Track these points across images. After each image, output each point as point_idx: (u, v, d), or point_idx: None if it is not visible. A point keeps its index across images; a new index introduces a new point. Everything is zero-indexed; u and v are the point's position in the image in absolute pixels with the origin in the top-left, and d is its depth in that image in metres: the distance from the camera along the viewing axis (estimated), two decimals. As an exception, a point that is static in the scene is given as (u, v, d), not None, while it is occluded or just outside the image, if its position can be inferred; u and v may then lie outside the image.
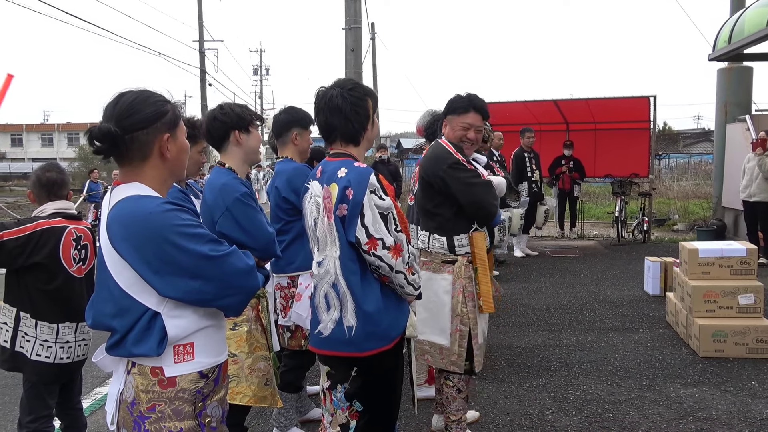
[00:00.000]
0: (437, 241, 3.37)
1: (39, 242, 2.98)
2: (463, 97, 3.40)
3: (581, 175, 11.13)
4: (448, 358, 3.34)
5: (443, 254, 3.36)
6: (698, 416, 3.87)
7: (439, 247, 3.36)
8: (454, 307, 3.32)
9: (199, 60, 28.67)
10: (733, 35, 9.37)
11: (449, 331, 3.34)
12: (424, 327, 3.41)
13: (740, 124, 10.29)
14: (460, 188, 3.26)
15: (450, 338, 3.34)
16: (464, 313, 3.31)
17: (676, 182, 20.96)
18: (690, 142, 33.83)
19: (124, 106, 1.74)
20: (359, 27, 12.75)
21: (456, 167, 3.28)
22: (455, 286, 3.32)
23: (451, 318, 3.33)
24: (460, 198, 3.26)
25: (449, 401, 3.42)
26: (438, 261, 3.36)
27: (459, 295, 3.31)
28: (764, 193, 8.53)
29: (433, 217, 3.40)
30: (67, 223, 3.10)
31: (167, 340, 1.71)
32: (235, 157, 2.93)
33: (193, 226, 1.71)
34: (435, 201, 3.38)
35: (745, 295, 5.03)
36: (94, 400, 4.58)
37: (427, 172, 3.37)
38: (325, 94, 2.43)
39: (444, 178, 3.27)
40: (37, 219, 3.04)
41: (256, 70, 55.37)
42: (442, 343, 3.36)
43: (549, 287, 7.63)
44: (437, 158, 3.33)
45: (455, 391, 3.40)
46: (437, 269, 3.37)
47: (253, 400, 3.00)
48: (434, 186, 3.33)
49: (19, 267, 2.96)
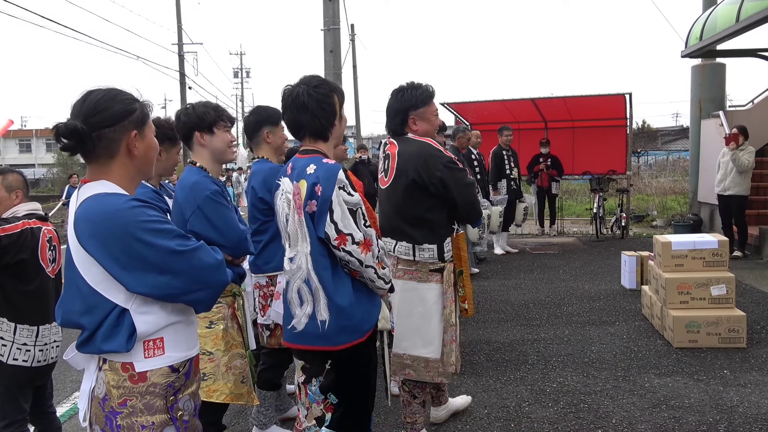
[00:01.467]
0: (426, 251, 3.20)
1: (26, 241, 3.00)
2: (421, 86, 3.28)
3: (559, 173, 11.24)
4: (436, 370, 3.25)
5: (432, 263, 3.22)
6: (671, 405, 3.94)
7: (429, 256, 3.20)
8: (448, 317, 3.22)
9: (179, 63, 28.53)
10: (705, 32, 9.53)
11: (438, 343, 3.23)
12: (403, 341, 3.25)
13: (714, 119, 10.47)
14: (459, 189, 3.14)
15: (442, 349, 3.23)
16: (456, 322, 3.27)
17: (654, 179, 21.22)
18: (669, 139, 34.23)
19: (91, 103, 1.75)
20: (338, 28, 12.77)
21: (452, 166, 3.15)
22: (447, 296, 3.23)
23: (444, 328, 3.23)
24: (459, 199, 3.15)
25: (405, 404, 3.44)
26: (425, 270, 3.22)
27: (452, 305, 3.23)
28: (738, 187, 8.69)
29: (424, 223, 3.20)
30: (41, 224, 3.11)
31: (136, 336, 1.73)
32: (203, 156, 2.94)
33: (160, 222, 1.73)
34: (426, 204, 3.19)
35: (717, 286, 5.13)
36: (72, 404, 4.56)
37: (421, 174, 3.13)
38: (291, 92, 2.46)
39: (443, 178, 3.11)
40: (20, 219, 3.04)
41: (236, 72, 55.17)
42: (428, 356, 3.24)
43: (528, 283, 7.70)
44: (431, 157, 3.15)
45: (410, 396, 3.40)
46: (424, 278, 3.22)
47: (229, 398, 3.01)
48: (429, 188, 3.14)
49: (2, 265, 2.94)
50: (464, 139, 7.89)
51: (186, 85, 28.46)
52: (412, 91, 3.27)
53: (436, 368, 3.26)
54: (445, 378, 3.30)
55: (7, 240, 2.91)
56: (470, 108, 11.85)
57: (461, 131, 7.97)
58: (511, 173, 9.62)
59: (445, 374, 3.28)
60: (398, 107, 3.29)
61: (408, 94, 3.27)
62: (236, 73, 55.13)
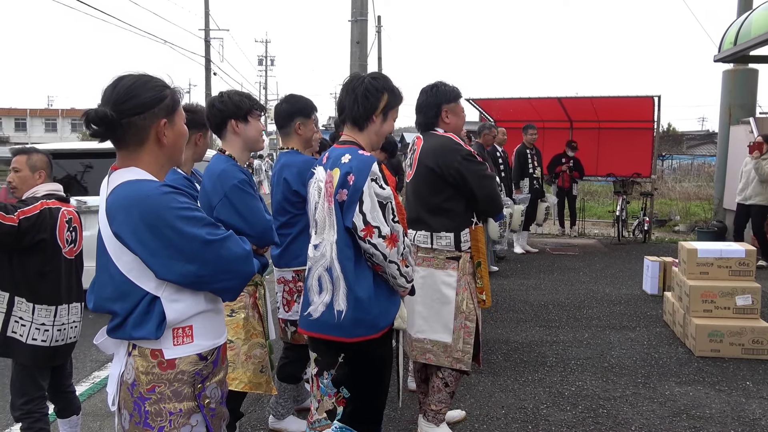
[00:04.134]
0: (444, 239, 3.30)
1: (45, 222, 3.01)
2: (450, 84, 3.47)
3: (581, 174, 11.13)
4: (452, 355, 3.31)
5: (449, 251, 3.30)
6: (692, 414, 3.88)
7: (446, 244, 3.30)
8: (459, 304, 3.29)
9: (204, 49, 28.63)
10: (740, 37, 9.34)
11: (452, 328, 3.30)
12: (425, 325, 3.34)
13: (744, 126, 10.28)
14: (476, 181, 3.23)
15: (453, 335, 3.30)
16: (470, 309, 3.29)
17: (678, 183, 20.93)
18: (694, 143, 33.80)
19: (122, 90, 1.74)
20: (365, 19, 12.72)
21: (470, 159, 3.26)
22: (460, 283, 3.29)
23: (455, 315, 3.29)
24: (477, 191, 3.23)
25: (434, 391, 3.41)
26: (442, 257, 3.31)
27: (464, 292, 3.29)
28: (760, 196, 8.60)
29: (442, 213, 3.31)
30: (60, 204, 3.13)
31: (166, 324, 1.73)
32: (235, 145, 2.93)
33: (191, 209, 1.72)
34: (445, 194, 3.30)
35: (743, 296, 5.04)
36: (92, 383, 4.60)
37: (439, 164, 3.27)
38: (352, 77, 2.55)
39: (460, 170, 3.23)
40: (38, 199, 3.06)
41: (261, 60, 55.23)
42: (446, 341, 3.31)
43: (548, 284, 7.64)
44: (450, 149, 3.28)
45: (443, 384, 3.39)
46: (441, 265, 3.30)
47: (248, 387, 3.02)
48: (447, 178, 3.26)
49: (22, 247, 2.97)
50: (490, 137, 7.84)
51: (211, 70, 28.57)
52: (445, 87, 3.44)
53: (452, 353, 3.31)
54: (462, 365, 3.31)
55: (26, 222, 2.93)
56: (495, 105, 11.75)
57: (487, 128, 7.92)
58: (534, 172, 9.54)
59: (460, 361, 3.30)
60: (432, 101, 3.43)
61: (441, 89, 3.42)
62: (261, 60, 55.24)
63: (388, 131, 2.60)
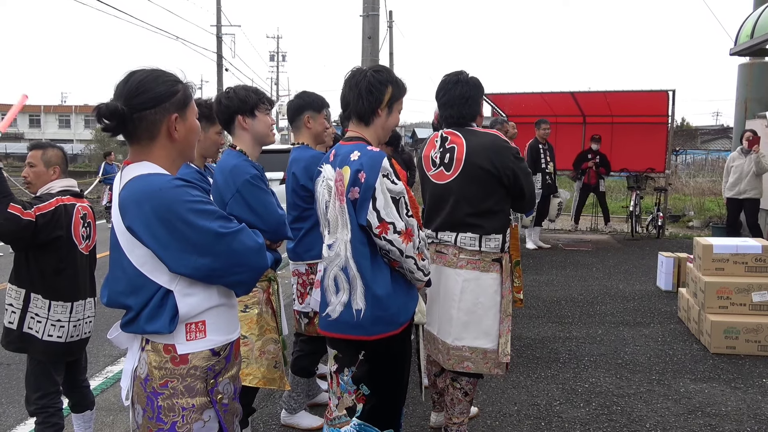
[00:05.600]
0: (493, 240, 3.13)
1: (60, 218, 3.02)
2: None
3: (607, 170, 11.05)
4: (493, 361, 3.16)
5: (494, 253, 3.15)
6: (707, 412, 3.84)
7: (494, 246, 3.13)
8: (505, 307, 3.17)
9: (216, 45, 28.69)
10: (756, 29, 9.23)
11: (496, 333, 3.15)
12: (464, 333, 3.15)
13: (760, 120, 10.16)
14: (525, 180, 3.14)
15: (499, 339, 3.15)
16: (511, 312, 3.21)
17: (692, 178, 20.76)
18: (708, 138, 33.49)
19: (133, 84, 1.73)
20: (377, 14, 12.70)
21: (519, 157, 3.16)
22: (505, 286, 3.17)
23: (501, 319, 3.16)
24: (526, 189, 3.16)
25: (454, 403, 3.27)
26: (488, 260, 3.14)
27: (509, 295, 3.20)
28: (755, 190, 8.80)
29: (493, 214, 3.14)
30: (75, 200, 3.14)
31: (179, 318, 1.73)
32: (245, 140, 2.92)
33: (203, 202, 1.71)
34: (498, 195, 3.14)
35: (760, 292, 4.98)
36: (105, 378, 4.63)
37: (496, 165, 3.07)
38: (354, 71, 2.50)
39: (514, 169, 3.10)
40: (53, 196, 3.06)
41: (272, 56, 55.22)
42: (486, 347, 3.15)
43: (560, 280, 7.60)
44: (503, 148, 3.12)
45: (462, 394, 3.25)
46: (486, 268, 3.14)
47: (262, 382, 3.02)
48: (502, 179, 3.10)
49: (38, 243, 2.98)
50: (502, 131, 7.79)
51: (223, 66, 28.63)
52: (476, 80, 3.25)
53: (494, 359, 3.15)
54: (500, 370, 3.19)
55: (42, 219, 2.93)
56: (507, 99, 11.68)
57: (499, 123, 7.85)
58: (546, 167, 9.47)
59: (500, 365, 3.18)
60: (470, 94, 3.21)
61: (473, 81, 3.23)
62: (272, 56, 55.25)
63: (394, 124, 2.57)
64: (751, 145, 8.77)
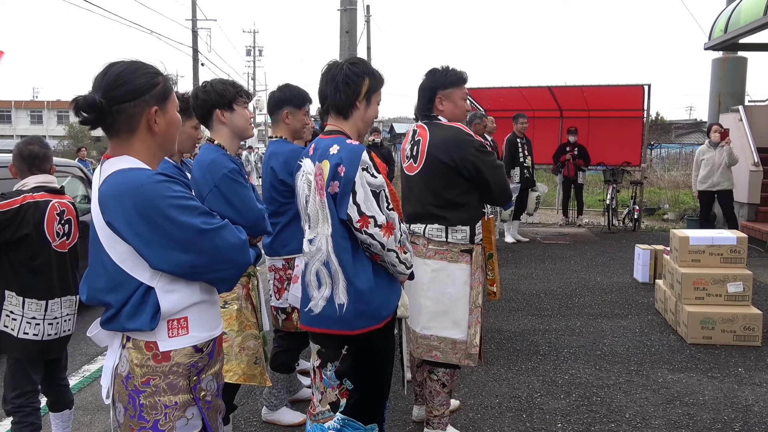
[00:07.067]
0: (459, 232, 3.17)
1: (26, 216, 2.96)
2: (452, 69, 3.27)
3: (586, 162, 11.14)
4: (464, 351, 3.19)
5: (463, 244, 3.18)
6: (685, 401, 3.90)
7: (461, 238, 3.17)
8: (474, 298, 3.19)
9: (192, 39, 28.40)
10: (730, 25, 9.37)
11: (466, 324, 3.18)
12: (432, 322, 3.19)
13: (733, 114, 10.33)
14: (490, 172, 3.12)
15: (468, 330, 3.19)
16: (481, 303, 3.22)
17: (667, 172, 21.02)
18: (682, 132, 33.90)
19: (112, 76, 1.70)
20: (354, 8, 12.66)
21: (483, 150, 3.14)
22: (474, 277, 3.19)
23: (470, 309, 3.19)
24: (492, 182, 3.13)
25: (432, 395, 3.29)
26: (456, 250, 3.18)
27: (479, 286, 3.21)
28: (728, 182, 8.99)
29: (458, 207, 3.17)
30: (50, 197, 3.07)
31: (160, 315, 1.70)
32: (223, 134, 2.89)
33: (186, 198, 1.68)
34: (460, 188, 3.16)
35: (734, 283, 5.06)
36: (82, 377, 4.56)
37: (453, 158, 3.11)
38: (330, 65, 2.47)
39: (475, 162, 3.09)
40: (22, 192, 3.01)
41: (249, 50, 54.84)
42: (456, 338, 3.18)
43: (539, 273, 7.65)
44: (463, 141, 3.13)
45: (440, 385, 3.27)
46: (455, 258, 3.17)
47: (242, 378, 3.00)
48: (462, 172, 3.12)
49: (5, 242, 2.93)
50: (480, 126, 7.83)
51: (198, 61, 28.36)
52: (444, 72, 3.26)
53: (463, 350, 3.19)
54: (471, 361, 3.22)
55: (2, 217, 2.88)
56: (485, 94, 11.73)
57: (478, 117, 7.91)
58: (524, 161, 9.54)
59: (470, 356, 3.21)
60: (427, 86, 3.27)
61: (439, 74, 3.25)
62: (249, 51, 54.85)
63: (373, 116, 2.54)
64: (723, 137, 8.94)
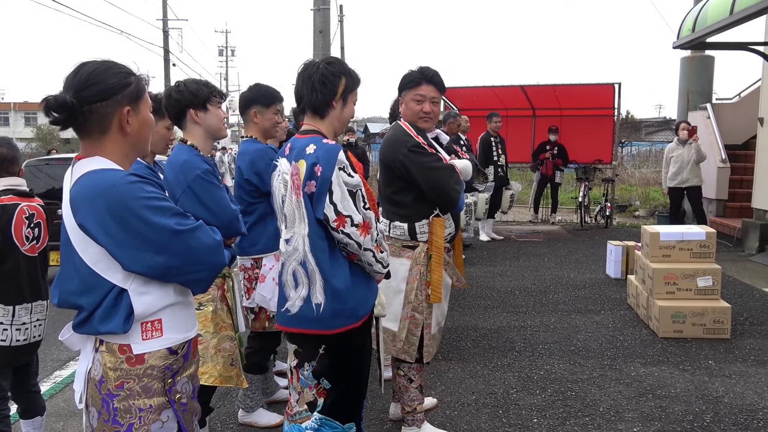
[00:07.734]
0: (398, 228, 3.25)
1: None
2: (414, 71, 3.25)
3: (564, 162, 11.25)
4: (398, 345, 3.25)
5: (404, 240, 3.25)
6: (657, 394, 3.96)
7: (400, 234, 3.25)
8: (408, 294, 3.23)
9: (163, 39, 28.08)
10: (697, 24, 9.52)
11: (399, 318, 3.25)
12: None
13: (702, 112, 10.53)
14: (421, 173, 3.12)
15: (399, 324, 3.24)
16: (419, 301, 3.22)
17: (637, 169, 21.34)
18: (652, 130, 34.44)
19: (83, 76, 1.67)
20: (328, 8, 12.63)
21: (416, 151, 3.14)
22: (412, 273, 3.23)
23: (404, 304, 3.24)
24: (422, 183, 3.14)
25: (402, 391, 3.34)
26: (398, 245, 3.25)
27: (414, 282, 3.22)
28: (697, 178, 9.18)
29: (394, 203, 3.28)
30: (19, 200, 3.01)
31: (134, 317, 1.68)
32: (196, 135, 2.86)
33: (159, 198, 1.67)
34: (395, 186, 3.25)
35: (704, 277, 5.16)
36: (54, 383, 4.49)
37: (386, 156, 3.23)
38: (307, 64, 2.47)
39: (404, 162, 3.13)
40: None
41: (221, 50, 54.37)
42: (394, 330, 3.26)
43: (514, 270, 7.71)
44: (396, 141, 3.20)
45: (406, 380, 3.31)
46: (397, 253, 3.24)
47: (218, 380, 2.97)
48: (394, 171, 3.21)
49: None
50: (455, 125, 7.86)
51: (170, 61, 28.03)
52: (405, 75, 3.27)
53: (397, 343, 3.24)
54: (408, 356, 3.23)
55: None
56: (459, 93, 11.78)
57: (452, 117, 7.94)
58: (498, 160, 9.61)
59: (407, 352, 3.23)
60: (398, 88, 3.32)
61: (403, 77, 3.28)
62: (221, 51, 54.37)
63: (349, 116, 2.54)
64: (690, 134, 9.12)
